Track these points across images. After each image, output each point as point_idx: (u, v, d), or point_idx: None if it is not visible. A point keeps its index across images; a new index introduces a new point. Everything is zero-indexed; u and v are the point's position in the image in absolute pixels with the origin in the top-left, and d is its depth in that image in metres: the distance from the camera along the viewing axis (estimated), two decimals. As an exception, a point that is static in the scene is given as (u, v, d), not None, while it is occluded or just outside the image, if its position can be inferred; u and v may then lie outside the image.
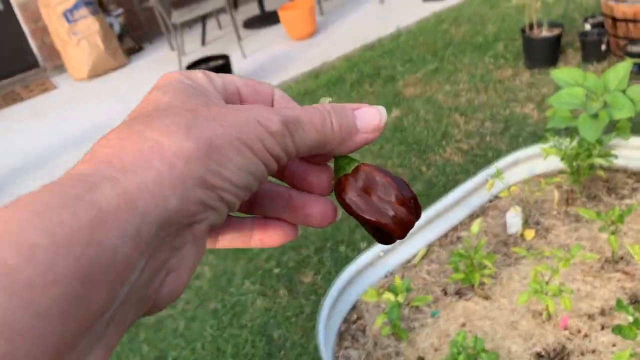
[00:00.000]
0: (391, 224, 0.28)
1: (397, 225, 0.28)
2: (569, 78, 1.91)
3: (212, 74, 0.30)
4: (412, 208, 0.29)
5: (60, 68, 5.21)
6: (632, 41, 2.95)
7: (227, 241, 0.30)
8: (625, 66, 1.85)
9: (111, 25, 5.11)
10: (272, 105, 0.31)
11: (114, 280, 0.19)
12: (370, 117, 0.29)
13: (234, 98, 0.30)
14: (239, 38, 4.55)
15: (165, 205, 0.21)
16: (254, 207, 0.31)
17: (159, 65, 4.83)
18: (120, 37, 5.22)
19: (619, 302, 1.28)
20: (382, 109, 0.30)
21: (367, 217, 0.28)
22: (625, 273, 1.62)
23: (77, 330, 0.18)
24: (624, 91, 1.83)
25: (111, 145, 0.23)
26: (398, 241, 0.30)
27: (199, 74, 0.29)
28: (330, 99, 0.30)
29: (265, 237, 0.31)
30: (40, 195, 0.20)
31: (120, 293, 0.20)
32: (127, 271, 0.20)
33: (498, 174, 1.76)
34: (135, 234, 0.20)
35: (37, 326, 0.17)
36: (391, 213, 0.28)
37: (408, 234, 0.29)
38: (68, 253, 0.18)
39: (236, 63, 4.22)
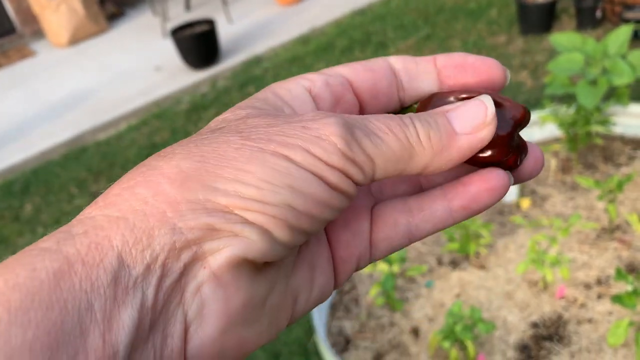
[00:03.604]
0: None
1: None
2: (568, 42, 1.85)
3: (310, 75, 0.24)
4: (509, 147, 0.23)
5: (38, 34, 5.03)
6: (628, 7, 2.89)
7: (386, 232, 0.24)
8: (625, 31, 1.80)
9: (91, -11, 4.91)
10: (397, 83, 0.25)
11: (96, 345, 0.15)
12: (469, 113, 0.22)
13: (343, 95, 0.24)
14: (225, 2, 4.41)
15: (149, 240, 0.17)
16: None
17: (141, 31, 4.67)
18: (101, 2, 5.04)
19: (618, 271, 1.26)
20: (485, 98, 0.22)
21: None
22: (622, 242, 1.60)
23: None
24: (623, 56, 1.78)
25: (115, 183, 0.19)
26: None
27: (289, 83, 0.23)
28: None
29: (470, 200, 0.23)
30: (9, 258, 0.17)
31: None
32: (113, 331, 0.16)
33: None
34: (112, 282, 0.16)
35: None
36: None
37: None
38: (25, 321, 0.14)
39: (222, 28, 4.09)
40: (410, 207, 0.24)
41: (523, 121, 0.24)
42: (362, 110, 0.25)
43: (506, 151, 0.23)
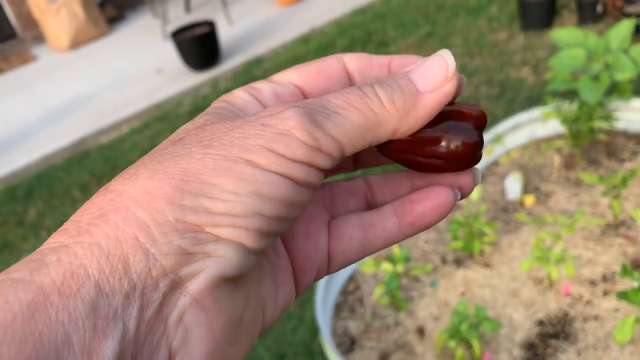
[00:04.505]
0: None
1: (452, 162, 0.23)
2: (569, 38, 1.84)
3: (258, 85, 0.23)
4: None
5: (39, 38, 5.04)
6: (629, 1, 2.87)
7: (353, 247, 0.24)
8: (627, 25, 1.79)
9: (91, -7, 4.92)
10: (350, 84, 0.25)
11: None
12: (431, 70, 0.22)
13: (294, 99, 0.24)
14: (225, 3, 4.41)
15: (125, 268, 0.16)
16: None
17: (141, 34, 4.68)
18: (101, 6, 5.04)
19: (624, 267, 1.25)
20: (445, 53, 0.22)
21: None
22: (627, 238, 1.59)
23: None
24: (625, 51, 1.77)
25: (79, 210, 0.18)
26: None
27: (237, 92, 0.23)
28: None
29: (416, 216, 0.24)
30: None
31: None
32: None
33: (498, 138, 1.71)
34: (91, 312, 0.15)
35: None
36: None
37: None
38: None
39: (222, 29, 4.09)
40: (364, 223, 0.24)
41: (484, 124, 0.24)
42: None
43: (477, 157, 0.23)
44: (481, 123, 0.23)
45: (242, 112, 0.22)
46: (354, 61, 0.24)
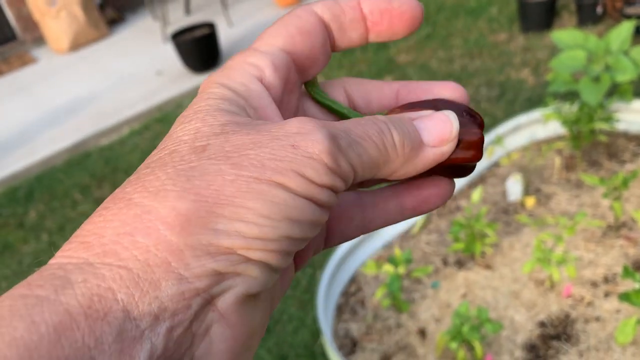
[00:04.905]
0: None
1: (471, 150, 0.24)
2: (570, 40, 1.84)
3: (254, 60, 0.23)
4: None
5: (39, 40, 5.04)
6: (629, 3, 2.88)
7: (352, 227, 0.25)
8: (627, 27, 1.79)
9: (91, -5, 4.92)
10: (329, 35, 0.24)
11: None
12: (436, 126, 0.23)
13: (289, 77, 0.24)
14: (225, 5, 4.41)
15: (155, 292, 0.16)
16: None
17: (142, 36, 4.68)
18: (101, 7, 5.05)
19: (625, 268, 1.25)
20: (450, 114, 0.23)
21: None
22: (628, 239, 1.59)
23: None
24: (626, 53, 1.77)
25: (96, 218, 0.17)
26: None
27: (237, 74, 0.22)
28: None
29: (418, 201, 0.25)
30: (1, 304, 0.15)
31: None
32: None
33: (498, 140, 1.71)
34: (118, 336, 0.15)
35: None
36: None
37: None
38: None
39: (222, 31, 4.09)
40: (364, 203, 0.25)
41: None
42: (301, 76, 0.25)
43: (481, 152, 0.24)
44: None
45: (248, 104, 0.22)
46: (326, 10, 0.24)
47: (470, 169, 0.25)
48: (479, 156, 0.24)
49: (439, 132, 0.23)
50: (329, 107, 0.26)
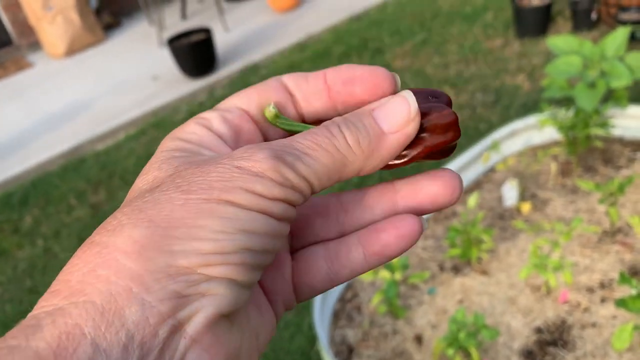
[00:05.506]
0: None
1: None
2: (565, 45, 1.85)
3: (206, 114, 0.24)
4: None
5: (35, 45, 5.03)
6: (623, 9, 2.90)
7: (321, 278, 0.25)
8: (622, 33, 1.80)
9: (87, 0, 4.92)
10: (293, 101, 0.25)
11: None
12: (395, 111, 0.22)
13: (242, 126, 0.24)
14: (221, 11, 4.42)
15: (121, 320, 0.16)
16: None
17: (138, 41, 4.68)
18: (97, 12, 5.04)
19: (622, 274, 1.25)
20: (407, 94, 0.23)
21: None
22: (624, 245, 1.59)
23: None
24: (621, 59, 1.78)
25: (65, 268, 0.18)
26: None
27: (189, 127, 0.23)
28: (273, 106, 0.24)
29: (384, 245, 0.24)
30: None
31: None
32: None
33: (494, 145, 1.71)
34: None
35: None
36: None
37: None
38: None
39: (218, 37, 4.09)
40: (330, 254, 0.25)
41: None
42: (265, 137, 0.25)
43: (459, 131, 0.24)
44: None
45: (202, 148, 0.23)
46: (291, 79, 0.25)
47: (452, 147, 0.25)
48: (458, 135, 0.24)
49: (398, 115, 0.22)
50: (294, 131, 0.25)
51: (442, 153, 0.25)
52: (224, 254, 0.18)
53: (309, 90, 0.25)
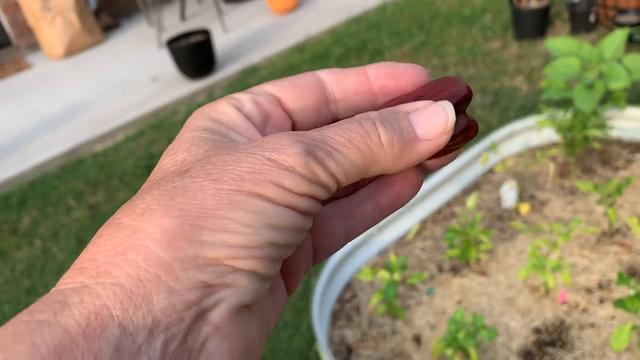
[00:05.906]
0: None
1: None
2: (563, 47, 1.86)
3: (238, 95, 0.24)
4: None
5: (34, 46, 5.03)
6: (621, 11, 2.91)
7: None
8: (621, 35, 1.81)
9: (86, 1, 4.92)
10: (326, 98, 0.25)
11: None
12: (432, 119, 0.22)
13: (272, 111, 0.24)
14: (220, 12, 4.42)
15: (148, 306, 0.17)
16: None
17: (137, 42, 4.68)
18: (96, 13, 5.05)
19: (620, 275, 1.25)
20: (447, 104, 0.23)
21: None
22: (622, 245, 1.60)
23: None
24: (619, 60, 1.79)
25: (90, 246, 0.18)
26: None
27: (220, 106, 0.23)
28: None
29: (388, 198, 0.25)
30: (4, 329, 0.16)
31: None
32: None
33: (493, 147, 1.72)
34: (115, 352, 0.16)
35: None
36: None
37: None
38: None
39: (217, 38, 4.10)
40: (344, 212, 0.25)
41: (469, 100, 0.25)
42: (294, 126, 0.26)
43: (468, 138, 0.24)
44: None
45: (231, 131, 0.23)
46: (329, 74, 0.25)
47: (457, 150, 0.26)
48: (466, 140, 0.24)
49: (436, 125, 0.22)
50: None
51: (446, 153, 0.25)
52: (250, 248, 0.18)
53: (349, 85, 0.25)
